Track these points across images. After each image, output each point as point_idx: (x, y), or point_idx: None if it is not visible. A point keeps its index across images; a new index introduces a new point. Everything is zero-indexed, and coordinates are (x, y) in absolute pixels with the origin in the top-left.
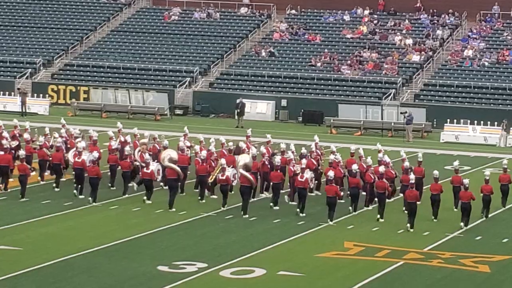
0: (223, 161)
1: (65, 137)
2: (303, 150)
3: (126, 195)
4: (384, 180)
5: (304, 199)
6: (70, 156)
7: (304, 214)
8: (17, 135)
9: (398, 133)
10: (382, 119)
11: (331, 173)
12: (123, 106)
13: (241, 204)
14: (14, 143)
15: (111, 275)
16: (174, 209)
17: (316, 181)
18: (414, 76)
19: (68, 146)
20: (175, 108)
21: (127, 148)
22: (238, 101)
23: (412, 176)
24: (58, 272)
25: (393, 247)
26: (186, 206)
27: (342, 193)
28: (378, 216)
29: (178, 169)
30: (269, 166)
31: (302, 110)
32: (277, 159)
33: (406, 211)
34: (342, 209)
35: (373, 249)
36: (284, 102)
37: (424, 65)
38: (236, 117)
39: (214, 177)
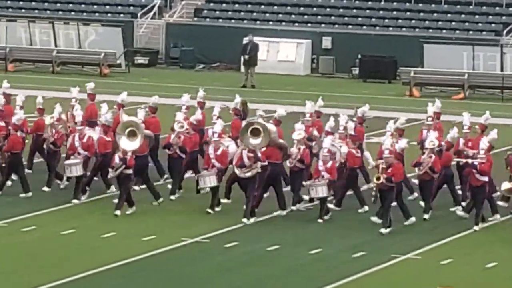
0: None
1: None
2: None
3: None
4: None
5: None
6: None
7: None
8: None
9: None
10: (502, 70)
11: (436, 141)
12: (44, 51)
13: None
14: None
15: None
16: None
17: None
18: None
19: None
20: (134, 53)
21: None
22: (246, 40)
23: None
24: None
25: None
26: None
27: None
28: None
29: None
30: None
31: (360, 56)
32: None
33: None
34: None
35: None
36: (327, 42)
37: None
38: (242, 68)
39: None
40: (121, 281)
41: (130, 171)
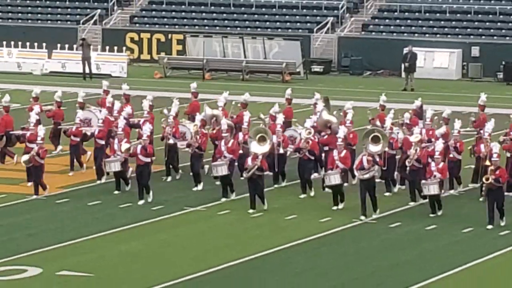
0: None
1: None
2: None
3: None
4: None
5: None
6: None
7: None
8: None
9: None
10: None
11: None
12: (235, 62)
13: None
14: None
15: None
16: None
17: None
18: None
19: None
20: (311, 63)
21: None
22: (406, 50)
23: None
24: None
25: None
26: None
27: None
28: None
29: None
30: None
31: (504, 63)
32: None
33: None
34: None
35: None
36: (475, 51)
37: None
38: (403, 74)
39: None
40: (305, 256)
41: (262, 172)
